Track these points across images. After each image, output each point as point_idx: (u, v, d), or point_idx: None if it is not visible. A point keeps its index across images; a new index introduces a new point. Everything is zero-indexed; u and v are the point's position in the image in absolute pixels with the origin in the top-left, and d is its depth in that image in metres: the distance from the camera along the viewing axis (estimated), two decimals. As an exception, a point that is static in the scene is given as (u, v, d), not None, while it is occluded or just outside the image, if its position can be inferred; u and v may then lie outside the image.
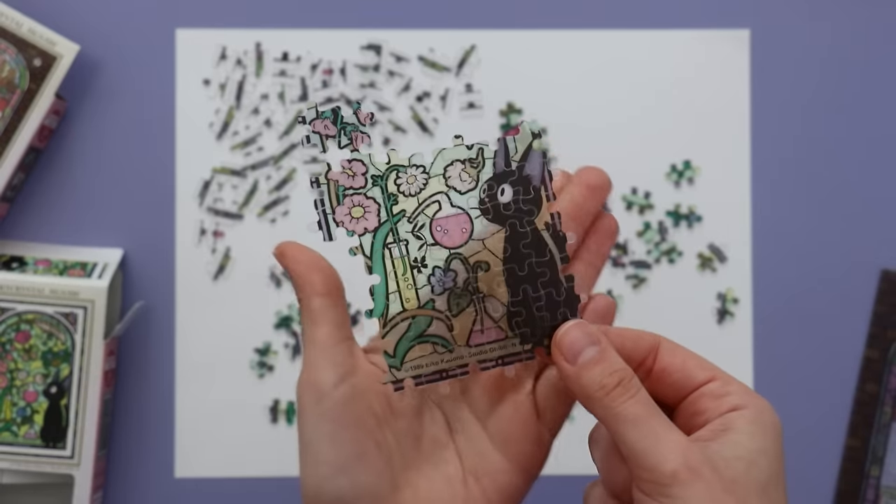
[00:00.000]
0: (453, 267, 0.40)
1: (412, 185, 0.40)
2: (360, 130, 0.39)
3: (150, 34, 0.69)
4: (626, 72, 0.70)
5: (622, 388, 0.36)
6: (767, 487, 0.35)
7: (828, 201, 0.70)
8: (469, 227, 0.40)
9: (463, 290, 0.40)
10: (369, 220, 0.39)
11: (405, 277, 0.39)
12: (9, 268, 0.67)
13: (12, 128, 0.65)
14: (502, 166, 0.40)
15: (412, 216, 0.39)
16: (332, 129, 0.39)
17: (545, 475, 0.70)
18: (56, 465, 0.65)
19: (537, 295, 0.40)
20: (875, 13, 0.70)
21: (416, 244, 0.39)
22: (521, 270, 0.40)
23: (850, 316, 0.69)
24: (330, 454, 0.38)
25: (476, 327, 0.40)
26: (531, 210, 0.40)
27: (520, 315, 0.40)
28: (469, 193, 0.40)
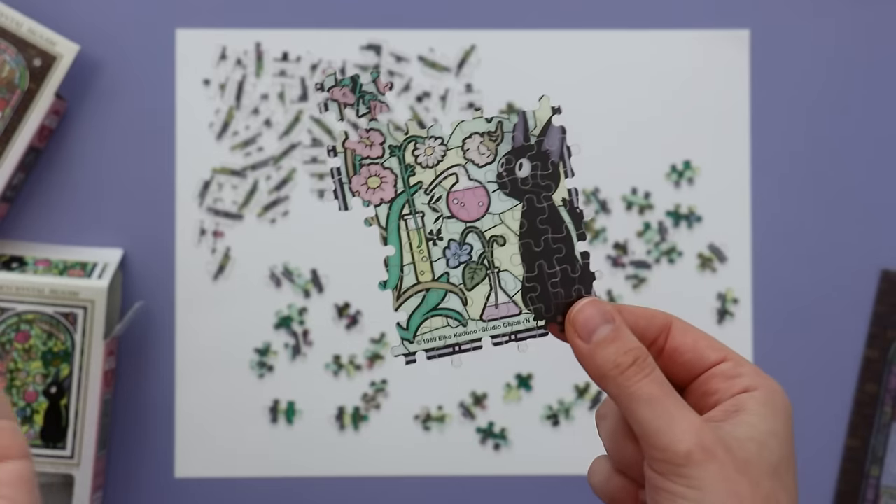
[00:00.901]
0: (469, 240, 0.39)
1: (430, 156, 0.39)
2: (379, 100, 0.39)
3: (150, 34, 0.69)
4: (626, 72, 0.70)
5: (637, 367, 0.36)
6: (779, 469, 0.35)
7: (828, 201, 0.70)
8: (486, 200, 0.39)
9: (478, 264, 0.39)
10: (386, 190, 0.39)
11: (420, 250, 0.39)
12: (9, 268, 0.67)
13: (12, 128, 0.65)
14: (521, 140, 0.40)
15: (429, 188, 0.39)
16: (350, 98, 0.39)
17: (545, 475, 0.70)
18: (56, 465, 0.65)
19: (553, 271, 0.39)
20: (875, 13, 0.70)
21: (433, 216, 0.39)
22: (538, 246, 0.39)
23: (850, 316, 0.69)
24: None
25: (490, 302, 0.39)
26: (549, 185, 0.40)
27: (534, 291, 0.39)
28: (487, 167, 0.39)
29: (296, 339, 0.69)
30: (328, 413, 0.69)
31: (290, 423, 0.69)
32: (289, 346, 0.69)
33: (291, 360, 0.69)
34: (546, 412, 0.69)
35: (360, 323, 0.69)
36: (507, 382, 0.69)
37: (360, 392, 0.69)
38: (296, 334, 0.69)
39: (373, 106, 0.39)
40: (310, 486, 0.69)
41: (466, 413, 0.69)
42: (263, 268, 0.69)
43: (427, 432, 0.69)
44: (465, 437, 0.69)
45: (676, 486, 0.34)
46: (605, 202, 0.70)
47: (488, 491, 0.69)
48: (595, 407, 0.69)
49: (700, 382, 0.38)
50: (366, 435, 0.69)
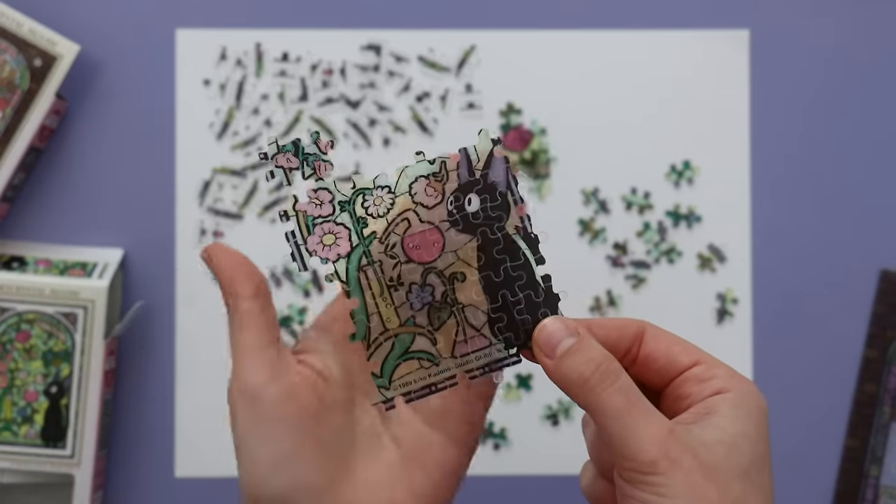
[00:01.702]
0: (430, 281, 0.40)
1: (380, 206, 0.40)
2: (322, 159, 0.40)
3: (150, 34, 0.69)
4: (626, 72, 0.70)
5: (600, 376, 0.36)
6: (750, 471, 0.35)
7: (828, 201, 0.70)
8: (441, 240, 0.40)
9: (442, 302, 0.40)
10: (341, 245, 0.40)
11: (383, 297, 0.40)
12: (9, 268, 0.67)
13: (12, 128, 0.65)
14: (466, 176, 0.40)
15: (383, 237, 0.40)
16: (294, 162, 0.40)
17: (545, 474, 0.70)
18: (56, 464, 0.65)
19: (516, 298, 0.40)
20: (875, 13, 0.70)
21: (391, 263, 0.40)
22: (497, 276, 0.40)
23: (849, 316, 0.69)
24: (267, 454, 0.38)
25: (459, 338, 0.40)
26: (500, 216, 0.40)
27: (501, 320, 0.40)
28: (437, 207, 0.40)
29: (296, 339, 0.69)
30: (328, 413, 0.69)
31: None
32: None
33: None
34: (546, 412, 0.69)
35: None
36: (507, 382, 0.69)
37: (360, 392, 0.69)
38: (296, 334, 0.69)
39: (317, 166, 0.40)
40: (310, 485, 0.69)
41: (466, 413, 0.69)
42: (263, 268, 0.69)
43: (427, 432, 0.69)
44: (464, 436, 0.69)
45: (643, 493, 0.34)
46: (605, 202, 0.70)
47: (488, 491, 0.69)
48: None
49: (674, 387, 0.38)
50: (366, 435, 0.69)
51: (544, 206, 0.70)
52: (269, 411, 0.38)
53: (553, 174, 0.70)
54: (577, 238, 0.70)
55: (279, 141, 0.40)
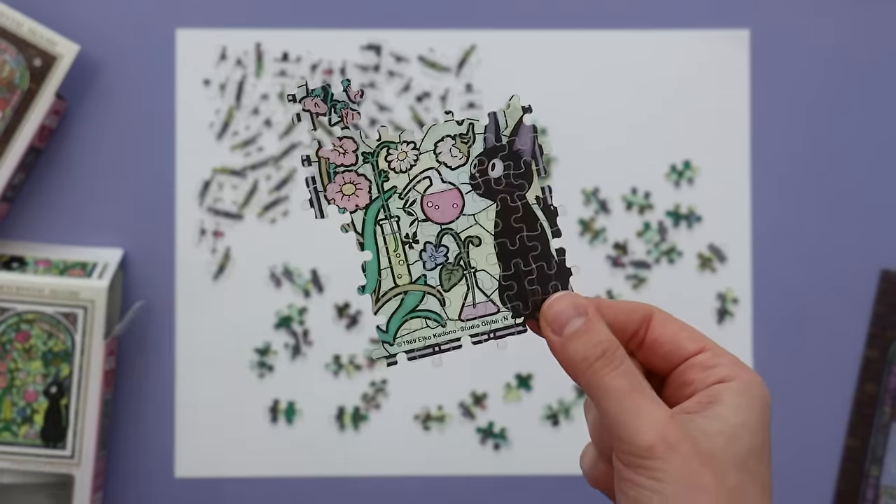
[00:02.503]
0: (444, 242, 0.40)
1: (403, 161, 0.40)
2: (351, 108, 0.39)
3: (150, 34, 0.69)
4: (626, 72, 0.70)
5: (605, 360, 0.37)
6: (748, 461, 0.35)
7: (828, 201, 0.70)
8: (460, 202, 0.40)
9: (454, 265, 0.40)
10: (360, 196, 0.40)
11: (397, 253, 0.40)
12: (9, 268, 0.67)
13: (12, 128, 0.65)
14: (493, 141, 0.40)
15: (403, 192, 0.40)
16: (322, 107, 0.39)
17: (545, 475, 0.70)
18: (56, 465, 0.65)
19: (529, 269, 0.40)
20: (874, 13, 0.70)
21: (408, 220, 0.40)
22: (513, 245, 0.40)
23: (849, 316, 0.69)
24: None
25: (468, 302, 0.40)
26: (522, 184, 0.40)
27: (511, 289, 0.40)
28: (460, 169, 0.40)
29: (296, 339, 0.69)
30: (328, 413, 0.69)
31: (290, 423, 0.69)
32: (289, 346, 0.69)
33: (291, 360, 0.69)
34: (546, 412, 0.69)
35: (360, 323, 0.69)
36: (507, 382, 0.69)
37: (360, 392, 0.69)
38: (296, 334, 0.69)
39: (344, 114, 0.39)
40: (310, 486, 0.69)
41: (466, 413, 0.69)
42: (263, 268, 0.69)
43: (427, 432, 0.69)
44: (465, 437, 0.69)
45: (639, 476, 0.35)
46: (605, 202, 0.70)
47: (488, 491, 0.69)
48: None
49: (678, 373, 0.38)
50: (366, 435, 0.69)
51: (544, 206, 0.70)
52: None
53: (553, 174, 0.70)
54: (577, 238, 0.70)
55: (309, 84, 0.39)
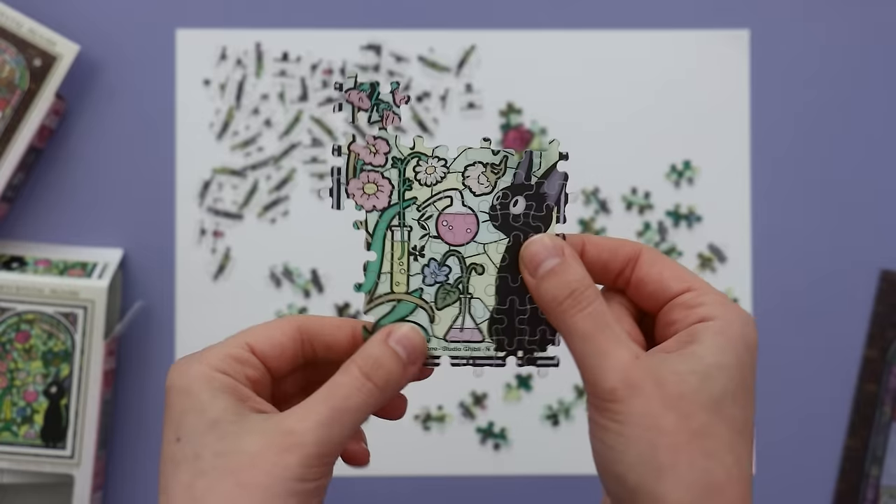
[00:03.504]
0: (449, 263, 0.40)
1: (430, 175, 0.40)
2: (393, 111, 0.40)
3: (150, 34, 0.69)
4: (626, 72, 0.70)
5: (572, 300, 0.37)
6: (722, 402, 0.35)
7: (827, 201, 0.70)
8: (475, 228, 0.40)
9: (453, 286, 0.40)
10: (380, 198, 0.40)
11: (400, 262, 0.40)
12: (9, 268, 0.67)
13: (12, 128, 0.65)
14: (522, 178, 0.41)
15: (422, 205, 0.40)
16: (366, 103, 0.40)
17: (545, 474, 0.70)
18: (56, 464, 0.65)
19: (523, 308, 0.40)
20: (873, 13, 0.70)
21: (419, 233, 0.40)
22: (514, 282, 0.40)
23: (849, 316, 0.69)
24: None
25: (456, 325, 0.40)
26: (539, 227, 0.40)
27: (501, 322, 0.40)
28: (483, 196, 0.40)
29: (296, 339, 0.69)
30: (328, 413, 0.69)
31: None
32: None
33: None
34: (546, 412, 0.69)
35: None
36: (507, 382, 0.69)
37: (360, 392, 0.69)
38: (296, 334, 0.69)
39: (385, 115, 0.40)
40: (310, 486, 0.69)
41: (466, 413, 0.69)
42: (263, 268, 0.69)
43: (427, 432, 0.69)
44: (465, 437, 0.69)
45: (604, 419, 0.35)
46: (605, 202, 0.70)
47: (488, 491, 0.69)
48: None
49: (664, 313, 0.38)
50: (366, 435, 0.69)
51: (544, 206, 0.70)
52: None
53: (553, 174, 0.70)
54: (578, 238, 0.70)
55: (357, 77, 0.40)
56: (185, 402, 0.36)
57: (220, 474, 0.35)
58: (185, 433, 0.36)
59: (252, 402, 0.37)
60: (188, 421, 0.36)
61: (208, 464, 0.35)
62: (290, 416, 0.36)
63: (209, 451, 0.35)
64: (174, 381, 0.37)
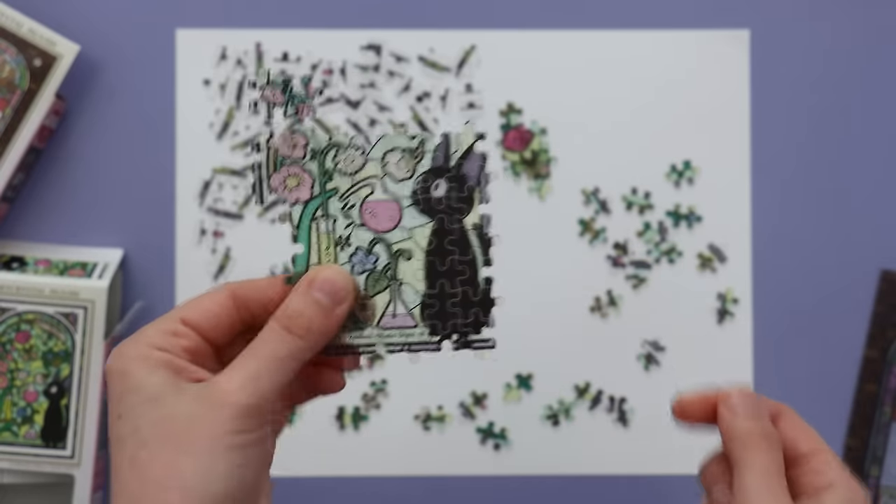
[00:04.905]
0: (376, 250, 0.41)
1: (350, 164, 0.41)
2: (307, 103, 0.40)
3: (150, 34, 0.69)
4: (626, 72, 0.70)
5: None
6: None
7: (828, 201, 0.70)
8: (398, 214, 0.41)
9: (382, 273, 0.41)
10: (302, 191, 0.41)
11: (328, 252, 0.41)
12: (9, 268, 0.67)
13: (12, 128, 0.65)
14: (441, 161, 0.41)
15: (344, 195, 0.41)
16: (280, 98, 0.40)
17: (545, 475, 0.70)
18: (56, 465, 0.65)
19: (453, 291, 0.41)
20: (875, 13, 0.70)
21: (344, 222, 0.41)
22: (442, 265, 0.41)
23: (849, 316, 0.69)
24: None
25: (388, 311, 0.41)
26: (462, 208, 0.41)
27: (433, 307, 0.41)
28: (404, 182, 0.41)
29: (296, 339, 0.69)
30: (328, 413, 0.69)
31: (290, 423, 0.69)
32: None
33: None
34: (546, 412, 0.69)
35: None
36: (507, 382, 0.69)
37: (360, 392, 0.69)
38: (296, 334, 0.69)
39: (300, 108, 0.41)
40: (310, 486, 0.69)
41: (466, 413, 0.69)
42: (263, 268, 0.69)
43: (427, 432, 0.69)
44: (465, 437, 0.69)
45: None
46: (605, 202, 0.70)
47: (488, 491, 0.69)
48: (594, 406, 0.69)
49: (790, 471, 0.43)
50: (366, 435, 0.69)
51: (544, 206, 0.70)
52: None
53: (553, 174, 0.70)
54: (577, 238, 0.70)
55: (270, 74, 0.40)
56: (124, 383, 0.38)
57: (159, 442, 0.36)
58: (125, 410, 0.37)
59: (188, 373, 0.38)
60: (127, 399, 0.37)
61: (148, 433, 0.37)
62: (220, 378, 0.38)
63: (147, 421, 0.37)
64: (113, 364, 0.39)
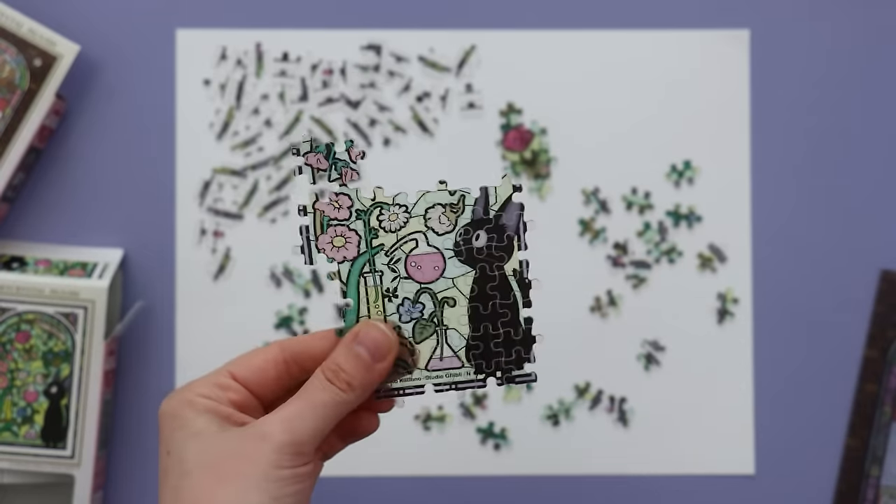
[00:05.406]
0: (422, 300, 0.43)
1: (393, 221, 0.43)
2: (351, 167, 0.43)
3: (150, 34, 0.69)
4: (626, 72, 0.70)
5: None
6: None
7: (828, 201, 0.70)
8: (441, 265, 0.43)
9: (428, 321, 0.43)
10: (349, 249, 0.43)
11: (376, 304, 0.43)
12: (9, 268, 0.67)
13: (12, 128, 0.65)
14: (480, 213, 0.43)
15: (390, 250, 0.43)
16: (323, 163, 0.43)
17: (545, 475, 0.70)
18: (56, 464, 0.65)
19: (496, 332, 0.43)
20: (875, 13, 0.70)
21: (390, 276, 0.43)
22: (485, 310, 0.43)
23: (850, 316, 0.69)
24: None
25: (436, 355, 0.44)
26: (502, 256, 0.43)
27: (478, 348, 0.43)
28: (446, 235, 0.43)
29: (296, 339, 0.69)
30: (328, 413, 0.69)
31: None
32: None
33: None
34: (546, 412, 0.69)
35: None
36: (507, 382, 0.69)
37: (360, 392, 0.69)
38: (296, 334, 0.69)
39: (344, 173, 0.43)
40: (310, 485, 0.69)
41: (466, 413, 0.69)
42: (263, 268, 0.69)
43: (427, 432, 0.69)
44: (465, 437, 0.69)
45: None
46: (605, 202, 0.70)
47: (488, 491, 0.69)
48: (594, 406, 0.69)
49: None
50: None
51: (544, 206, 0.70)
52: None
53: (553, 174, 0.70)
54: (577, 238, 0.70)
55: (314, 141, 0.42)
56: (173, 423, 0.41)
57: (200, 472, 0.39)
58: (173, 446, 0.41)
59: (234, 419, 0.42)
60: (175, 436, 0.41)
61: (191, 465, 0.40)
62: (263, 418, 0.41)
63: (191, 454, 0.40)
64: (164, 408, 0.42)
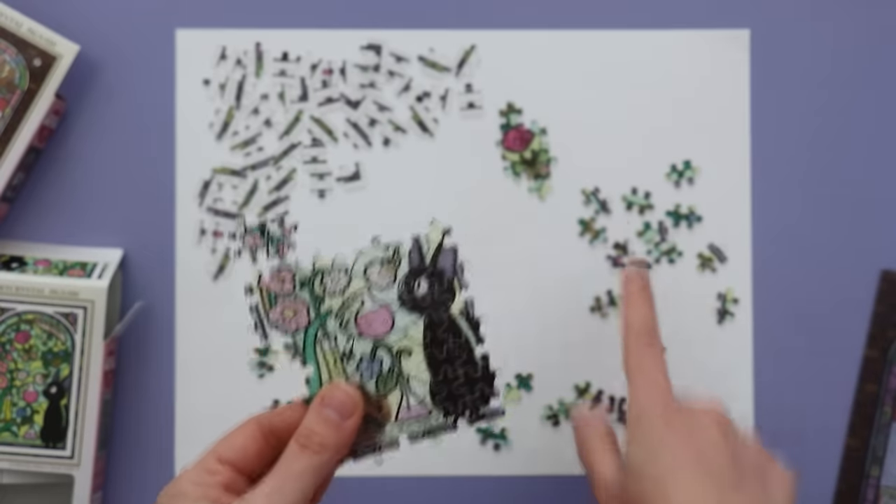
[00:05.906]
0: (379, 355, 0.45)
1: (336, 284, 0.45)
2: (285, 241, 0.46)
3: (150, 34, 0.69)
4: (626, 72, 0.70)
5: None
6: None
7: (828, 201, 0.70)
8: (390, 319, 0.45)
9: (389, 374, 0.45)
10: (300, 319, 0.45)
11: (336, 367, 0.45)
12: (9, 268, 0.67)
13: (12, 128, 0.65)
14: (417, 262, 0.45)
15: (338, 313, 0.45)
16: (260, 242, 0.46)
17: (545, 475, 0.70)
18: (56, 465, 0.65)
19: (455, 374, 0.45)
20: (876, 13, 0.70)
21: (344, 337, 0.45)
22: (440, 354, 0.44)
23: (850, 316, 0.69)
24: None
25: (403, 405, 0.45)
26: (446, 299, 0.45)
27: (441, 392, 0.45)
28: (389, 289, 0.45)
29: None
30: (328, 413, 0.69)
31: None
32: (289, 347, 0.69)
33: (291, 361, 0.69)
34: (546, 412, 0.69)
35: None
36: (507, 382, 0.69)
37: (360, 392, 0.69)
38: (296, 334, 0.69)
39: (280, 247, 0.47)
40: (310, 486, 0.69)
41: (466, 413, 0.69)
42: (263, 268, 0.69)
43: (427, 432, 0.69)
44: (464, 437, 0.69)
45: None
46: (605, 202, 0.70)
47: (488, 491, 0.69)
48: (595, 407, 0.69)
49: None
50: (366, 435, 0.69)
51: (544, 206, 0.70)
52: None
53: (553, 174, 0.70)
54: (577, 238, 0.70)
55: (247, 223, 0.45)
56: None
57: None
58: None
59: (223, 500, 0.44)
60: None
61: None
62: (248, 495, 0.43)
63: None
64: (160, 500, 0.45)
